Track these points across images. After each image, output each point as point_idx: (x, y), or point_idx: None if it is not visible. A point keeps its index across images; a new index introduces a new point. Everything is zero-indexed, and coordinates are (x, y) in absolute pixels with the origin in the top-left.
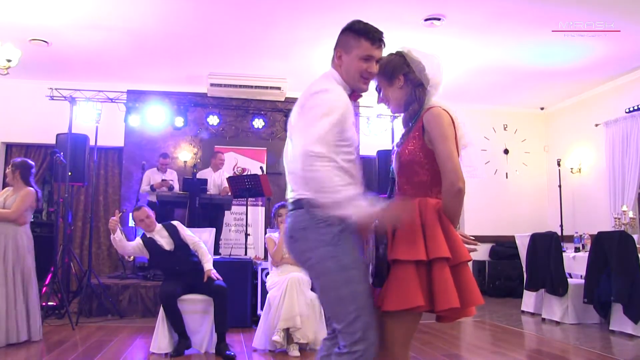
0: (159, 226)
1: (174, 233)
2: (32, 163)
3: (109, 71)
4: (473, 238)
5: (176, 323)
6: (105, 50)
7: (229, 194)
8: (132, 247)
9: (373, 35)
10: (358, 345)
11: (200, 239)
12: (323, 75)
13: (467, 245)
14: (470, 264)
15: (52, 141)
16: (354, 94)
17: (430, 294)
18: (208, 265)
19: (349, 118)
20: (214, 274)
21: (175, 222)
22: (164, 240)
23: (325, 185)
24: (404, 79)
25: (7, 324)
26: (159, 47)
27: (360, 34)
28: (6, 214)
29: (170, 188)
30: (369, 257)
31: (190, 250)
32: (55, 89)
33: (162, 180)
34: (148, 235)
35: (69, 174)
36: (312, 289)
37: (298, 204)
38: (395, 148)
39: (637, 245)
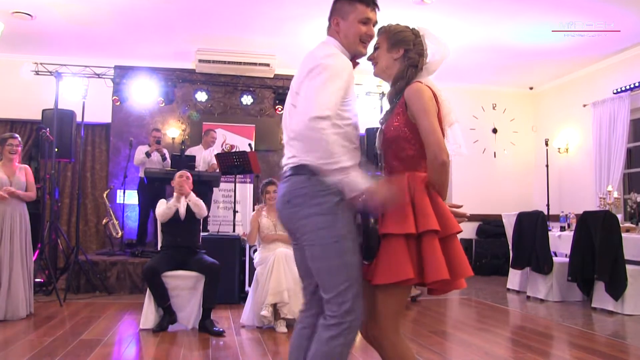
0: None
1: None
2: None
3: (96, 46)
4: (462, 205)
5: (160, 298)
6: (91, 24)
7: (217, 170)
8: (169, 216)
9: None
10: (347, 316)
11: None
12: (323, 43)
13: (456, 217)
14: (459, 243)
15: (38, 117)
16: (353, 61)
17: (420, 266)
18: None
19: (351, 83)
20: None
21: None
22: (182, 207)
23: (328, 149)
24: (403, 53)
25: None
26: (146, 22)
27: None
28: (33, 195)
29: (164, 158)
30: (359, 231)
31: (197, 228)
32: (41, 63)
33: (156, 147)
34: (175, 198)
35: (56, 150)
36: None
37: (300, 169)
38: (379, 125)
39: (621, 225)
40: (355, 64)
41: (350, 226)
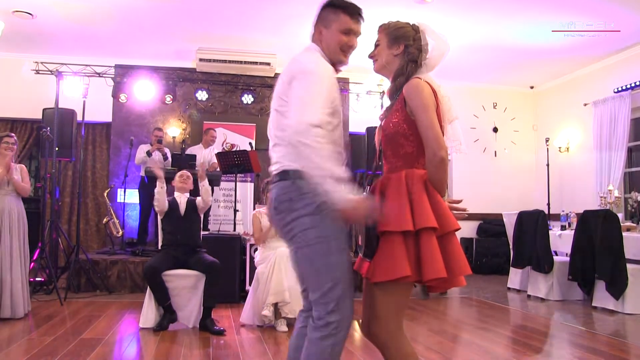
0: (187, 193)
1: (191, 202)
2: None
3: (96, 45)
4: (461, 200)
5: (160, 297)
6: (92, 23)
7: (218, 169)
8: (165, 201)
9: (352, 10)
10: (333, 316)
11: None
12: (306, 49)
13: (455, 212)
14: (457, 241)
15: (39, 116)
16: (334, 68)
17: (418, 264)
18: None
19: (335, 88)
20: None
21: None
22: (182, 204)
23: (320, 156)
24: (403, 49)
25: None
26: (147, 21)
27: (339, 8)
28: (28, 188)
29: (165, 157)
30: (359, 229)
31: (198, 226)
32: (41, 62)
33: (157, 146)
34: (175, 195)
35: (56, 149)
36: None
37: (284, 175)
38: (379, 121)
39: (622, 224)
40: (337, 71)
41: (336, 226)
